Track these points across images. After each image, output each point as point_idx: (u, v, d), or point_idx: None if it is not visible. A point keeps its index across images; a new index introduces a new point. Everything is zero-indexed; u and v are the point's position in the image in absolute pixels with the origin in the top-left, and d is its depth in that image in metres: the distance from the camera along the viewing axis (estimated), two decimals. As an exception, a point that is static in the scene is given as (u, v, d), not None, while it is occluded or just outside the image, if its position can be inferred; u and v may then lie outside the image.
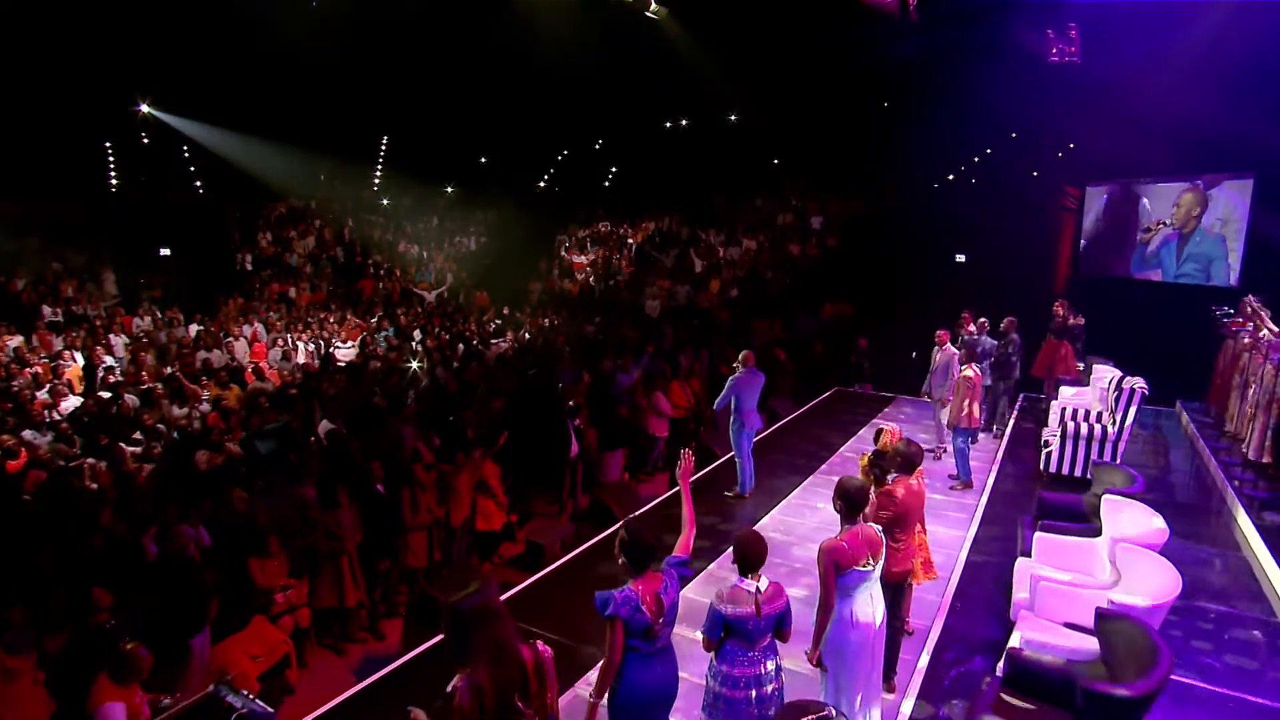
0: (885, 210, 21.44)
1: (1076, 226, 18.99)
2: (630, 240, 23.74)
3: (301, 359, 13.79)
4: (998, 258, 19.49)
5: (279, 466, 8.73)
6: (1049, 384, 11.70)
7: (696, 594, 6.75)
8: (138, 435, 9.44)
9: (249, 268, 20.47)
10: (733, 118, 24.87)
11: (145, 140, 21.96)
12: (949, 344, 10.07)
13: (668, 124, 26.10)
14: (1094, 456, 8.53)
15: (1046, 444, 8.83)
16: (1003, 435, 11.07)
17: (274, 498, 7.76)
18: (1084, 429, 8.50)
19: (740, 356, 8.91)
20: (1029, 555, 6.05)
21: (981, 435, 10.88)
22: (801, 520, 8.49)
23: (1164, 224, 17.40)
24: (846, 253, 20.76)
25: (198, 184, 23.07)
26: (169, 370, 12.23)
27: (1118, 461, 8.48)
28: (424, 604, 6.91)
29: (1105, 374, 10.13)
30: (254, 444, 9.33)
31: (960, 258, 21.03)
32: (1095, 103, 16.48)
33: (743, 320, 18.48)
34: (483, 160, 26.68)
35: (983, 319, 11.05)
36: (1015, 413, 11.42)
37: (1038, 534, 5.98)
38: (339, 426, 10.00)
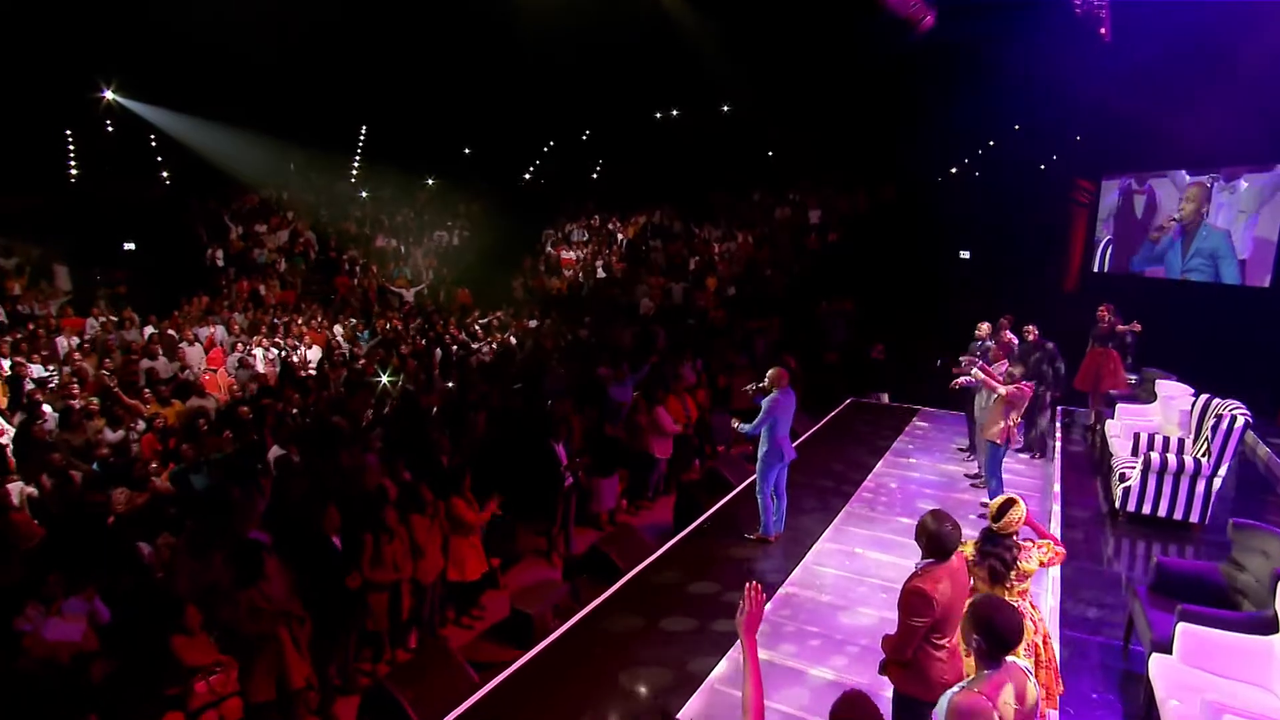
0: (888, 205, 19.85)
1: (1089, 221, 17.53)
2: (620, 235, 22.02)
3: (261, 367, 12.01)
4: (1004, 254, 18.07)
5: (219, 509, 6.99)
6: (1094, 398, 10.16)
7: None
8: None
9: (218, 264, 18.58)
10: (726, 108, 23.23)
11: (109, 129, 20.07)
12: (1005, 361, 8.47)
13: (658, 115, 24.41)
14: (1182, 496, 6.98)
15: (1123, 477, 7.27)
16: (1049, 457, 9.53)
17: (199, 555, 6.04)
18: (1171, 462, 6.95)
19: (772, 374, 7.29)
20: (1166, 651, 4.47)
21: (1023, 457, 9.37)
22: (844, 573, 6.88)
23: (1174, 219, 15.98)
24: (849, 249, 19.18)
25: (164, 175, 21.12)
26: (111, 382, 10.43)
27: (1211, 504, 6.95)
28: (381, 699, 5.23)
29: (1174, 391, 8.61)
30: (188, 478, 7.60)
31: (964, 254, 19.56)
32: (1112, 92, 14.91)
33: (741, 320, 16.88)
34: (466, 151, 24.83)
35: (1030, 326, 9.48)
36: (1059, 431, 9.86)
37: (1182, 625, 4.39)
38: (291, 454, 8.29)
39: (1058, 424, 9.86)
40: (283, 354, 12.74)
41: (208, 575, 5.90)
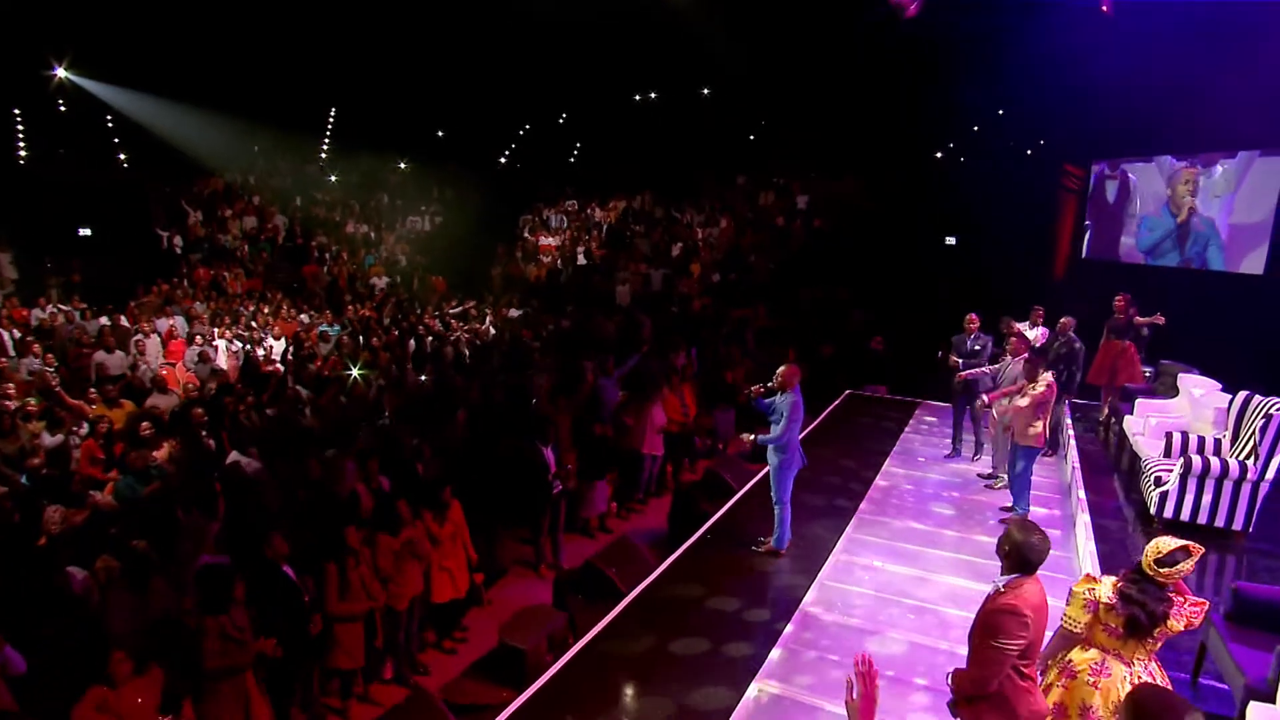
0: (874, 190, 19.14)
1: (1079, 207, 16.98)
2: (601, 220, 21.12)
3: (223, 361, 11.02)
4: (991, 241, 17.49)
5: (165, 529, 6.09)
6: (1107, 392, 9.54)
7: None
8: None
9: (178, 250, 17.43)
10: (706, 91, 22.36)
11: (61, 108, 18.73)
12: (1026, 354, 7.77)
13: (637, 97, 23.46)
14: (1225, 501, 6.35)
15: (1159, 480, 6.62)
16: (1062, 455, 8.91)
17: (139, 587, 5.16)
18: (1214, 465, 6.31)
19: (784, 373, 6.52)
20: (1267, 699, 3.79)
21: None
22: (866, 590, 6.16)
23: (1170, 205, 15.48)
24: (836, 235, 18.47)
25: (121, 157, 19.82)
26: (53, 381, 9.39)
27: (1256, 511, 6.33)
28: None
29: (1202, 386, 7.99)
30: (134, 492, 6.67)
31: (950, 240, 18.97)
32: (1104, 76, 14.28)
33: (726, 308, 16.14)
34: (439, 134, 23.72)
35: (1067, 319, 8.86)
36: (1071, 428, 9.22)
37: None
38: (254, 460, 7.39)
39: (1068, 420, 9.24)
40: (246, 347, 11.75)
41: (151, 609, 5.02)
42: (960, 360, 8.46)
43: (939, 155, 19.91)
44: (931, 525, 7.28)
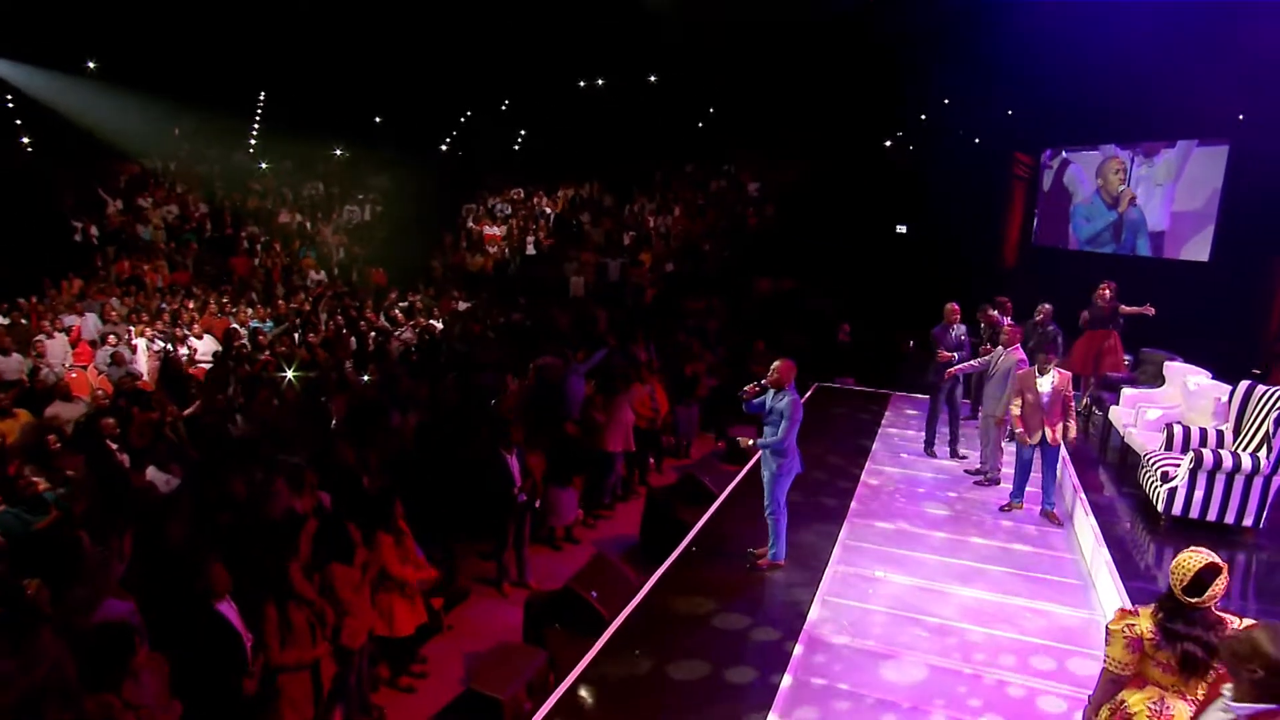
0: (825, 178, 18.67)
1: (1029, 195, 16.82)
2: (548, 209, 20.17)
3: (142, 363, 9.80)
4: (942, 229, 17.23)
5: (65, 568, 5.05)
6: (1087, 382, 9.16)
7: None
8: None
9: (93, 242, 15.85)
10: (653, 79, 21.55)
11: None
12: (1019, 346, 7.27)
13: (582, 83, 22.50)
14: (1235, 497, 5.93)
15: (1165, 475, 6.16)
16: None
17: (17, 648, 4.15)
18: (1226, 459, 5.86)
19: (780, 369, 5.81)
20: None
21: (1010, 448, 8.19)
22: (875, 606, 5.52)
23: (1102, 194, 15.43)
24: (786, 223, 17.96)
25: (25, 140, 17.98)
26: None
27: (1268, 506, 5.91)
28: None
29: (1193, 375, 7.61)
30: (25, 522, 5.58)
31: (901, 229, 18.66)
32: (1054, 66, 14.02)
33: (680, 299, 15.47)
34: (377, 120, 22.33)
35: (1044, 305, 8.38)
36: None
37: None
38: (174, 477, 6.36)
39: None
40: (168, 346, 10.52)
41: (32, 676, 4.03)
42: (953, 354, 7.91)
43: (888, 144, 19.56)
44: (927, 528, 6.71)
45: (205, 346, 10.88)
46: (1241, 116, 13.02)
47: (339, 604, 5.02)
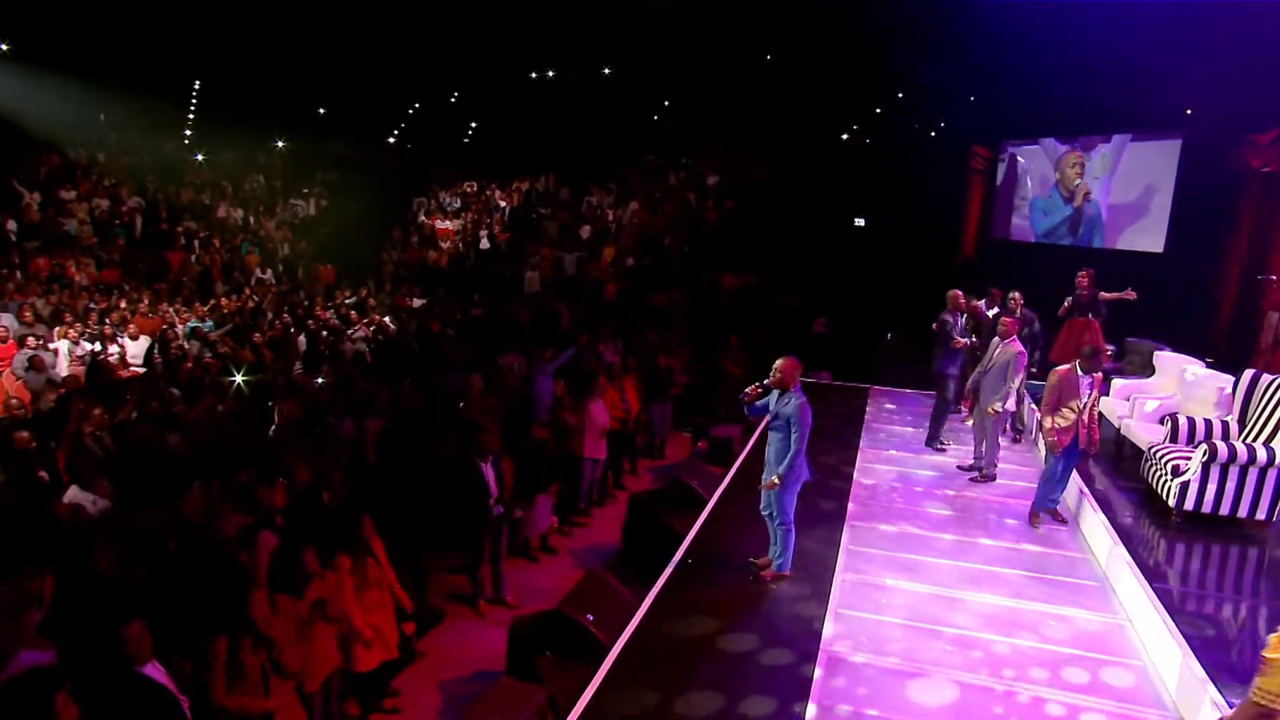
0: (783, 171, 18.31)
1: (986, 188, 16.72)
2: (503, 203, 19.37)
3: (64, 368, 8.80)
4: (900, 222, 17.06)
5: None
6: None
7: None
8: None
9: (10, 238, 14.49)
10: (607, 71, 20.90)
11: None
12: (1016, 338, 6.92)
13: (533, 75, 21.71)
14: (1249, 490, 5.64)
15: (1177, 469, 5.85)
16: (1035, 440, 8.19)
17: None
18: (1241, 451, 5.57)
19: (784, 368, 5.30)
20: None
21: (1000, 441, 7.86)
22: (893, 619, 5.06)
23: (1060, 188, 15.45)
24: (746, 216, 17.53)
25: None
26: None
27: (1282, 497, 5.64)
28: None
29: (1186, 365, 7.38)
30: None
31: (859, 221, 18.44)
32: (1009, 60, 13.89)
33: (640, 292, 14.92)
34: (320, 111, 21.17)
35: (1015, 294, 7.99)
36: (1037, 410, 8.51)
37: None
38: (102, 498, 5.54)
39: (1030, 402, 8.53)
40: (95, 348, 9.51)
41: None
42: (965, 341, 7.52)
43: (845, 137, 19.31)
44: (931, 529, 6.30)
45: (138, 348, 9.90)
46: (1190, 111, 13.05)
47: (300, 638, 4.34)
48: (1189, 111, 12.96)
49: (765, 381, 5.33)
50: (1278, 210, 11.47)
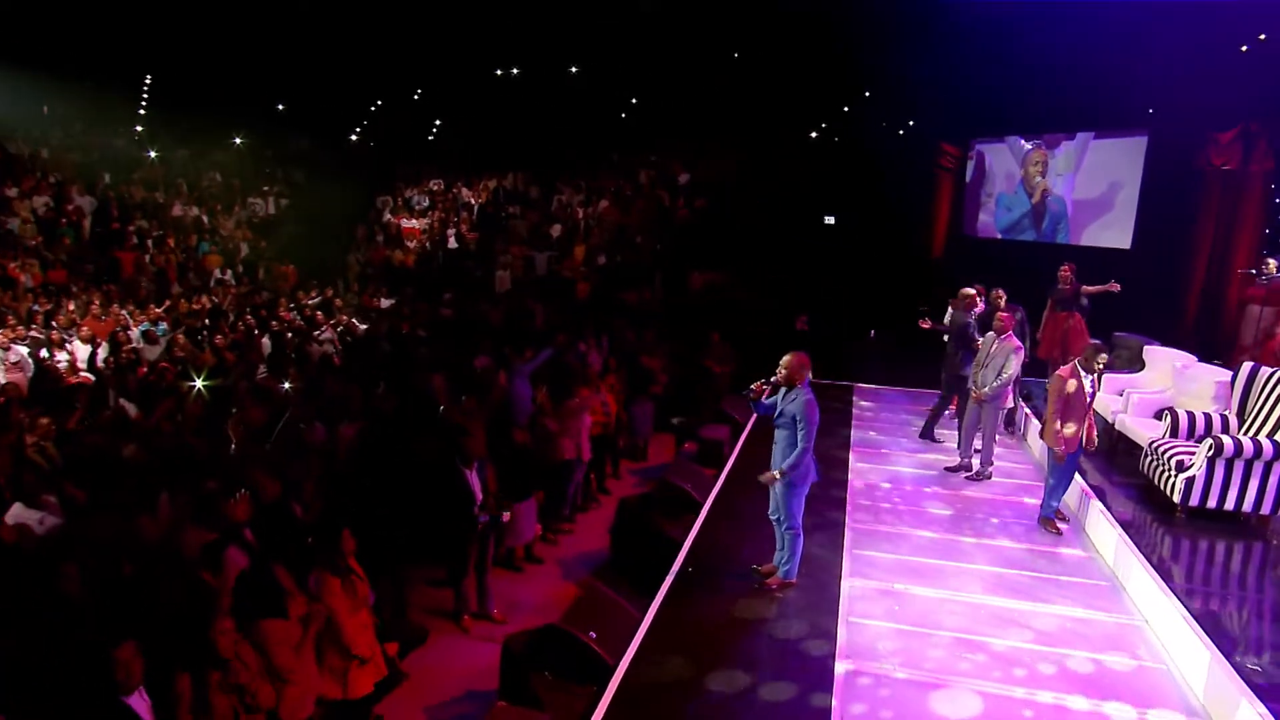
0: (752, 169, 18.11)
1: (956, 185, 16.71)
2: (470, 201, 18.86)
3: (1, 375, 8.14)
4: (870, 220, 16.96)
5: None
6: (1054, 367, 8.76)
7: None
8: None
9: (-52, 237, 13.62)
10: (574, 69, 20.48)
11: None
12: (1012, 333, 6.74)
13: (498, 72, 21.20)
14: (1254, 484, 5.52)
15: (1181, 464, 5.71)
16: (1025, 436, 8.07)
17: None
18: (1246, 445, 5.44)
19: (792, 364, 5.03)
20: None
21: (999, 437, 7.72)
22: (907, 626, 4.79)
23: (1025, 184, 15.51)
24: (717, 214, 17.28)
25: None
26: None
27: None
28: None
29: (1176, 358, 7.29)
30: None
31: (829, 219, 18.31)
32: (977, 57, 13.84)
33: (610, 291, 14.59)
34: (280, 107, 20.39)
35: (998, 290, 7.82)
36: (1025, 406, 8.38)
37: None
38: (52, 515, 5.03)
39: (1019, 400, 8.40)
40: (42, 353, 8.85)
41: None
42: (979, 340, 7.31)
43: (814, 135, 19.18)
44: (933, 531, 6.08)
45: (88, 353, 9.25)
46: (1151, 110, 13.16)
47: (275, 671, 3.91)
48: (1150, 110, 13.07)
49: (772, 379, 5.03)
50: (1239, 207, 11.60)
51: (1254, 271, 8.30)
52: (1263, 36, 11.04)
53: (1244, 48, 11.15)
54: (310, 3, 16.11)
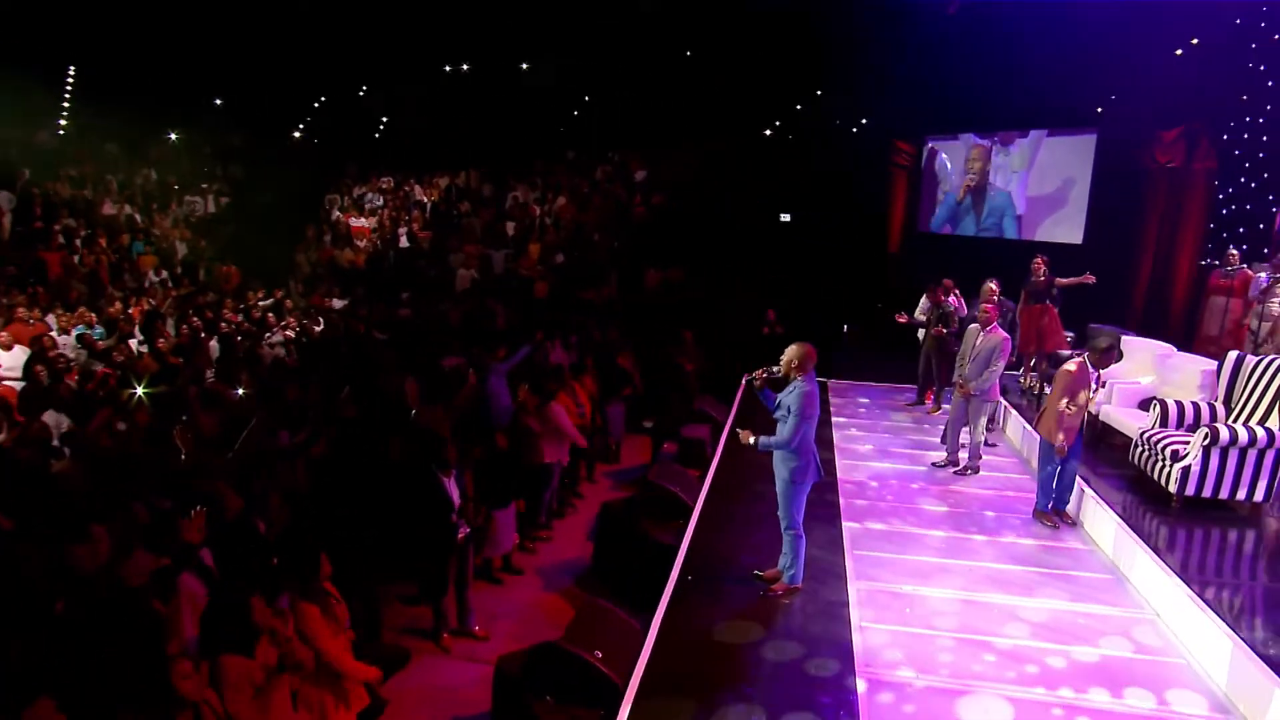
0: (708, 167, 17.89)
1: (911, 183, 16.78)
2: (422, 199, 18.18)
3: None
4: (825, 217, 16.91)
5: None
6: (1033, 359, 8.74)
7: None
8: None
9: None
10: (525, 66, 19.96)
11: None
12: (997, 325, 6.60)
13: (447, 68, 20.52)
14: (1248, 473, 5.46)
15: (1176, 454, 5.62)
16: (1001, 430, 7.99)
17: None
18: (1241, 434, 5.37)
19: (796, 354, 4.73)
20: None
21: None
22: (921, 630, 4.55)
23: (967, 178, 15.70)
24: (673, 211, 17.00)
25: None
26: None
27: (1278, 479, 5.48)
28: None
29: (1150, 348, 7.28)
30: None
31: (785, 217, 18.22)
32: (930, 56, 13.89)
33: (568, 290, 14.20)
34: (217, 102, 19.32)
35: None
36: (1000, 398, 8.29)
37: None
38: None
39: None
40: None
41: None
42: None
43: (768, 133, 19.08)
44: (932, 529, 5.88)
45: (13, 359, 8.43)
46: (1100, 110, 13.38)
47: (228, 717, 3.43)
48: (1099, 110, 13.28)
49: (774, 369, 4.74)
50: (1184, 204, 11.85)
51: (1217, 263, 8.39)
52: (1195, 41, 11.33)
53: (1179, 51, 11.40)
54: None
